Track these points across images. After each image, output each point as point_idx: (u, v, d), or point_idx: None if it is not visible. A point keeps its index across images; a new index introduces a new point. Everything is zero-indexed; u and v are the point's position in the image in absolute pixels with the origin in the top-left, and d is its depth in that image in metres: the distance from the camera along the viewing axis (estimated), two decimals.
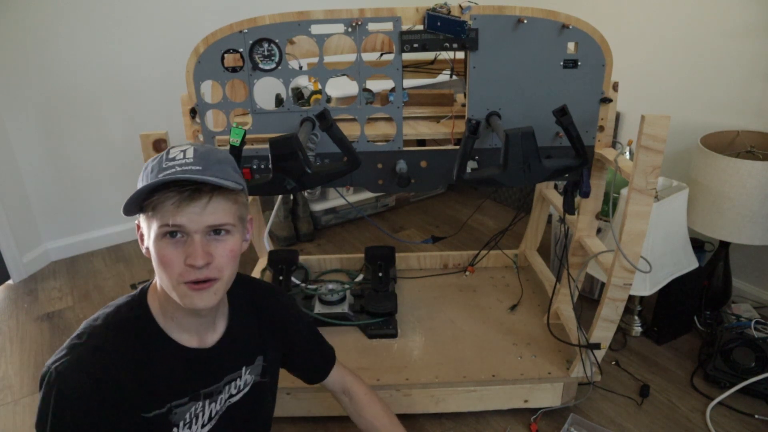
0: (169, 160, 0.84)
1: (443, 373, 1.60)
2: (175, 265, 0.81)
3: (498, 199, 3.21)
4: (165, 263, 0.81)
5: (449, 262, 2.23)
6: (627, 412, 1.65)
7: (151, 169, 0.84)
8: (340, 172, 1.36)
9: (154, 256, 0.83)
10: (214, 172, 0.83)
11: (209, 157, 0.85)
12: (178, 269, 0.82)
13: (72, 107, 2.54)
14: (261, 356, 1.05)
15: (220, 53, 1.37)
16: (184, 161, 0.83)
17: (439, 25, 1.34)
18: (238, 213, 0.87)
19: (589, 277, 2.07)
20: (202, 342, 0.93)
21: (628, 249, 1.32)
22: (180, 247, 0.81)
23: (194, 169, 0.82)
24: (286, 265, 2.04)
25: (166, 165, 0.82)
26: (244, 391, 1.02)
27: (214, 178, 0.81)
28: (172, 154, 0.84)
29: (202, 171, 0.82)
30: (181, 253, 0.81)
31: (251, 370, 1.02)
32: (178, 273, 0.82)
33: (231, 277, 0.88)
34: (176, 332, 0.90)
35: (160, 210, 0.80)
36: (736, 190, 1.74)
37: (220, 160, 0.86)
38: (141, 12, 2.58)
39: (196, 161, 0.83)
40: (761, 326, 1.83)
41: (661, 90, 2.27)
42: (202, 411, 0.93)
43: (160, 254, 0.81)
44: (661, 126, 1.20)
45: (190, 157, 0.84)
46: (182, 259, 0.81)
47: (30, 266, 2.60)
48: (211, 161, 0.85)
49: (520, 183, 1.30)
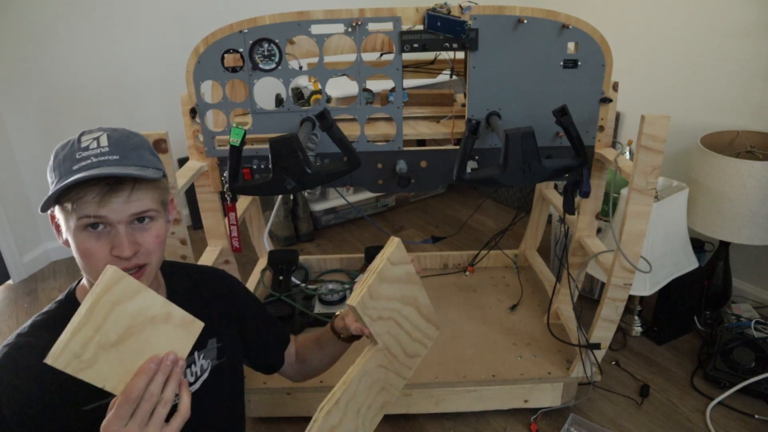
0: (82, 149, 0.81)
1: (443, 373, 1.60)
2: (99, 257, 0.80)
3: (498, 199, 3.21)
4: (88, 256, 0.80)
5: (449, 262, 2.23)
6: (627, 412, 1.65)
7: (63, 158, 0.81)
8: (340, 172, 1.36)
9: (76, 249, 0.81)
10: (133, 159, 0.82)
11: (125, 144, 0.83)
12: (103, 260, 0.79)
13: (72, 107, 2.54)
14: (213, 339, 1.02)
15: (220, 53, 1.37)
16: (99, 150, 0.80)
17: (439, 25, 1.34)
18: (161, 198, 0.86)
19: (589, 277, 2.07)
20: None
21: (628, 249, 1.32)
22: (104, 238, 0.80)
23: (112, 160, 0.80)
24: (286, 265, 2.04)
25: (80, 156, 0.80)
26: (203, 377, 1.00)
27: (134, 169, 0.80)
28: (85, 142, 0.81)
29: (120, 161, 0.81)
30: (106, 244, 0.80)
31: (205, 355, 1.00)
32: (104, 264, 0.78)
33: (159, 261, 0.87)
34: None
35: (80, 204, 0.78)
36: (736, 190, 1.74)
37: (136, 146, 0.85)
38: (141, 12, 2.58)
39: (112, 149, 0.81)
40: (761, 326, 1.83)
41: (661, 90, 2.27)
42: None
43: (83, 247, 0.79)
44: (661, 126, 1.20)
45: (105, 145, 0.81)
46: (107, 250, 0.80)
47: (30, 266, 2.60)
48: (128, 148, 0.83)
49: (520, 183, 1.30)
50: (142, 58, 2.65)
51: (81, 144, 0.82)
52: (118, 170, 0.78)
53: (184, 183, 1.35)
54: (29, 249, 2.60)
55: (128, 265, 0.81)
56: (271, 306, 1.83)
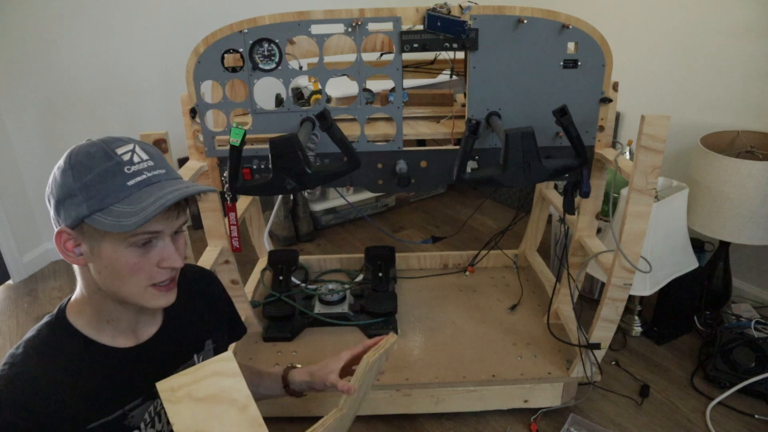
0: (127, 162, 0.77)
1: (443, 373, 1.60)
2: (145, 271, 0.79)
3: (498, 199, 3.21)
4: (135, 271, 0.78)
5: (449, 262, 2.23)
6: (627, 412, 1.64)
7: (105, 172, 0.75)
8: (340, 172, 1.36)
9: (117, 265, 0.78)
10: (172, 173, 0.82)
11: (157, 156, 0.82)
12: (148, 274, 0.79)
13: (72, 107, 2.54)
14: (209, 340, 1.02)
15: (220, 53, 1.37)
16: (146, 164, 0.78)
17: (439, 25, 1.34)
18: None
19: (589, 277, 2.07)
20: (139, 339, 0.90)
21: (628, 249, 1.32)
22: (151, 252, 0.79)
23: (161, 174, 0.79)
24: (286, 265, 2.04)
25: (131, 170, 0.76)
26: None
27: (199, 187, 0.79)
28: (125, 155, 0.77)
29: (167, 174, 0.80)
30: (153, 256, 0.79)
31: (203, 357, 1.00)
32: (147, 277, 0.79)
33: None
34: (110, 337, 0.86)
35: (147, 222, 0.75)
36: (736, 190, 1.74)
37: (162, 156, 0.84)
38: (141, 12, 2.58)
39: (156, 163, 0.80)
40: (761, 326, 1.82)
41: (661, 90, 2.27)
42: (163, 408, 0.89)
43: (130, 263, 0.77)
44: (661, 126, 1.20)
45: (147, 158, 0.79)
46: (154, 263, 0.79)
47: (30, 266, 2.60)
48: (163, 160, 0.82)
49: (520, 183, 1.30)
50: (142, 58, 2.65)
51: (121, 156, 0.77)
52: (193, 188, 0.78)
53: None
54: (29, 249, 2.60)
55: (172, 275, 0.81)
56: (271, 306, 1.83)
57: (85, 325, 0.85)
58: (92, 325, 0.85)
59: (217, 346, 1.04)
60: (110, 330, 0.86)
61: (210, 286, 1.09)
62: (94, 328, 0.85)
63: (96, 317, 0.85)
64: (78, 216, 0.75)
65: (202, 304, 1.03)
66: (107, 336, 0.86)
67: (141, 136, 1.22)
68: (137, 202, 0.75)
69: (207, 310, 1.04)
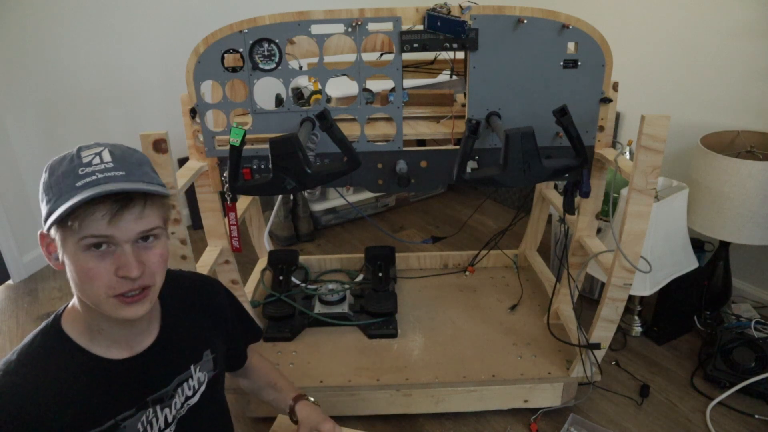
0: (84, 164, 0.76)
1: (443, 373, 1.60)
2: (102, 278, 0.76)
3: (498, 199, 3.21)
4: (91, 277, 0.76)
5: (449, 262, 2.23)
6: (627, 412, 1.65)
7: (63, 174, 0.76)
8: (340, 172, 1.35)
9: (75, 270, 0.76)
10: (138, 176, 0.78)
11: (129, 160, 0.79)
12: (106, 282, 0.76)
13: (72, 107, 2.54)
14: (208, 350, 1.01)
15: (220, 53, 1.37)
16: (103, 166, 0.76)
17: (439, 25, 1.34)
18: (165, 216, 0.84)
19: (589, 277, 2.07)
20: (133, 350, 0.88)
21: (628, 249, 1.32)
22: (107, 259, 0.76)
23: (118, 176, 0.76)
24: (286, 265, 2.04)
25: (84, 171, 0.75)
26: (201, 390, 0.99)
27: (144, 185, 0.77)
28: (86, 158, 0.77)
29: (127, 177, 0.77)
30: (110, 264, 0.76)
31: (201, 367, 0.99)
32: (106, 286, 0.77)
33: (162, 281, 0.84)
34: (103, 347, 0.84)
35: (87, 222, 0.73)
36: (736, 190, 1.74)
37: (140, 162, 0.81)
38: (141, 12, 2.58)
39: (116, 165, 0.77)
40: (761, 326, 1.82)
41: (661, 90, 2.27)
42: (155, 417, 0.90)
43: (84, 268, 0.75)
44: (661, 126, 1.20)
45: (109, 160, 0.77)
46: (111, 270, 0.76)
47: (30, 266, 2.60)
48: (133, 164, 0.79)
49: (520, 183, 1.30)
50: (142, 58, 2.65)
51: (82, 159, 0.77)
52: (131, 186, 0.76)
53: (184, 183, 1.35)
54: (29, 249, 2.60)
55: (133, 287, 0.78)
56: (271, 306, 1.83)
57: (79, 335, 0.83)
58: (85, 335, 0.84)
59: (216, 355, 1.03)
60: (103, 340, 0.84)
61: (212, 295, 1.07)
62: (87, 338, 0.84)
63: (88, 327, 0.84)
64: (44, 218, 0.76)
65: (202, 315, 1.02)
66: (101, 346, 0.84)
67: (141, 136, 1.22)
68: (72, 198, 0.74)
69: (208, 321, 1.03)
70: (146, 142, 1.22)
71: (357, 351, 1.71)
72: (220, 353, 1.05)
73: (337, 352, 1.71)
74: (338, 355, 1.69)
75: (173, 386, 0.93)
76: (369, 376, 1.59)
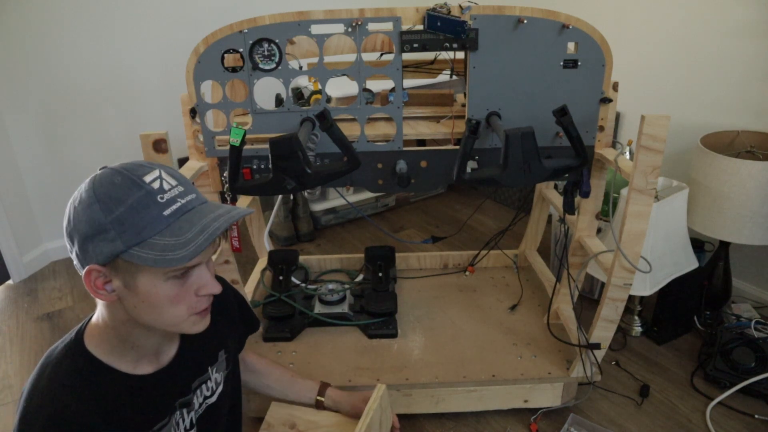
0: (158, 191, 0.73)
1: (443, 373, 1.60)
2: (185, 301, 0.77)
3: (498, 199, 3.21)
4: (175, 302, 0.76)
5: (449, 262, 2.23)
6: (627, 412, 1.65)
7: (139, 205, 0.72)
8: (340, 172, 1.35)
9: (155, 300, 0.75)
10: (201, 194, 0.80)
11: (185, 179, 0.79)
12: (187, 303, 0.78)
13: (72, 107, 2.54)
14: (222, 351, 1.03)
15: (220, 53, 1.36)
16: (177, 191, 0.75)
17: (439, 25, 1.34)
18: None
19: (589, 277, 2.07)
20: (159, 362, 0.89)
21: (628, 249, 1.32)
22: (187, 281, 0.77)
23: (194, 199, 0.76)
24: (286, 265, 2.04)
25: (164, 198, 0.73)
26: (218, 390, 1.00)
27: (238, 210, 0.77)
28: (154, 183, 0.74)
29: (198, 198, 0.77)
30: (191, 285, 0.77)
31: (217, 368, 1.01)
32: (188, 306, 0.78)
33: None
34: (131, 364, 0.84)
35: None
36: (736, 190, 1.74)
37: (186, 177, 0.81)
38: (141, 12, 2.58)
39: (185, 188, 0.77)
40: (761, 326, 1.82)
41: (661, 90, 2.27)
42: (181, 419, 0.92)
43: (170, 295, 0.75)
44: (661, 126, 1.20)
45: (175, 183, 0.76)
46: (192, 291, 0.78)
47: (30, 266, 2.60)
48: (189, 183, 0.79)
49: (520, 183, 1.30)
50: (142, 58, 2.65)
51: (150, 185, 0.73)
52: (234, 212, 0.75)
53: None
54: (29, 249, 2.60)
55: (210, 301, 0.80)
56: (271, 306, 1.83)
57: (106, 354, 0.82)
58: (113, 354, 0.82)
59: (229, 355, 1.05)
60: (133, 356, 0.84)
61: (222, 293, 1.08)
62: (116, 356, 0.83)
63: (120, 344, 0.82)
64: (113, 252, 0.71)
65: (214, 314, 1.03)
66: (129, 363, 0.84)
67: (141, 136, 1.22)
68: (180, 233, 0.72)
69: (220, 317, 1.03)
70: (146, 142, 1.22)
71: (357, 351, 1.71)
72: (232, 352, 1.06)
73: (337, 352, 1.71)
74: (338, 355, 1.69)
75: (194, 389, 0.95)
76: (369, 376, 1.59)
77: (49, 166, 2.55)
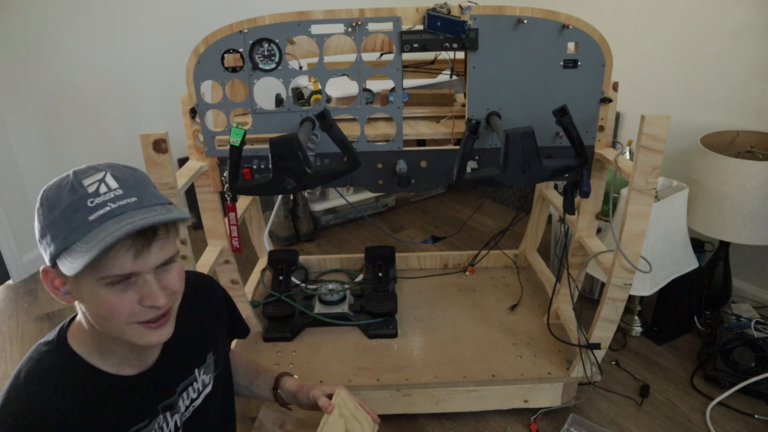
0: (92, 194, 0.70)
1: (443, 373, 1.60)
2: (125, 309, 0.73)
3: (498, 199, 3.21)
4: (114, 311, 0.73)
5: (449, 262, 2.23)
6: (627, 412, 1.65)
7: (69, 208, 0.70)
8: (340, 172, 1.35)
9: (96, 306, 0.74)
10: (150, 199, 0.75)
11: (135, 182, 0.75)
12: (128, 311, 0.74)
13: (72, 107, 2.54)
14: (210, 352, 1.01)
15: (220, 53, 1.36)
16: (113, 194, 0.71)
17: (439, 25, 1.34)
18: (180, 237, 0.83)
19: (589, 277, 2.07)
20: (143, 365, 0.87)
21: (628, 249, 1.32)
22: (130, 290, 0.73)
23: (132, 203, 0.72)
24: (286, 265, 2.04)
25: (94, 202, 0.70)
26: (205, 392, 0.99)
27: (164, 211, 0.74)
28: (90, 186, 0.71)
29: (140, 203, 0.73)
30: (133, 294, 0.74)
31: (205, 370, 0.99)
32: (128, 314, 0.74)
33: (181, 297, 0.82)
34: (114, 365, 0.83)
35: (109, 261, 0.69)
36: (736, 190, 1.74)
37: (144, 182, 0.76)
38: (141, 12, 2.58)
39: (126, 192, 0.72)
40: (761, 326, 1.82)
41: (661, 90, 2.27)
42: (165, 423, 0.90)
43: (107, 303, 0.72)
44: (661, 126, 1.20)
45: (116, 187, 0.72)
46: (134, 300, 0.74)
47: (30, 266, 2.60)
48: (140, 187, 0.75)
49: (520, 183, 1.30)
50: (142, 58, 2.65)
51: (87, 188, 0.71)
52: (156, 217, 0.71)
53: (184, 183, 1.34)
54: (29, 249, 2.60)
55: (158, 313, 0.76)
56: (271, 306, 1.83)
57: (88, 353, 0.81)
58: (95, 354, 0.82)
59: (218, 356, 1.03)
60: (114, 359, 0.83)
61: (210, 293, 1.07)
62: (97, 357, 0.82)
63: (98, 347, 0.82)
64: (51, 256, 0.71)
65: (202, 314, 1.01)
66: (112, 365, 0.83)
67: (141, 136, 1.22)
68: (93, 240, 0.68)
69: (208, 318, 1.02)
70: (146, 142, 1.22)
71: (357, 351, 1.71)
72: (221, 353, 1.05)
73: (337, 352, 1.71)
74: (338, 355, 1.69)
75: (179, 392, 0.94)
76: (369, 376, 1.59)
77: (49, 166, 2.55)
